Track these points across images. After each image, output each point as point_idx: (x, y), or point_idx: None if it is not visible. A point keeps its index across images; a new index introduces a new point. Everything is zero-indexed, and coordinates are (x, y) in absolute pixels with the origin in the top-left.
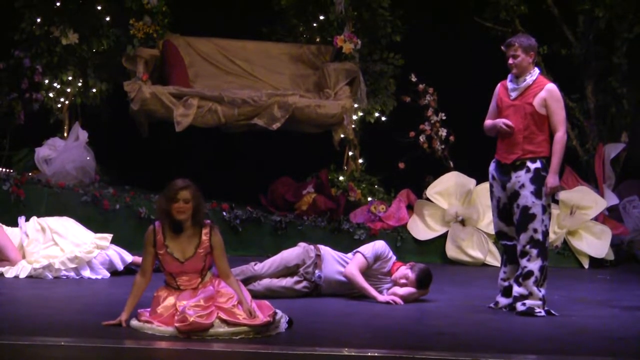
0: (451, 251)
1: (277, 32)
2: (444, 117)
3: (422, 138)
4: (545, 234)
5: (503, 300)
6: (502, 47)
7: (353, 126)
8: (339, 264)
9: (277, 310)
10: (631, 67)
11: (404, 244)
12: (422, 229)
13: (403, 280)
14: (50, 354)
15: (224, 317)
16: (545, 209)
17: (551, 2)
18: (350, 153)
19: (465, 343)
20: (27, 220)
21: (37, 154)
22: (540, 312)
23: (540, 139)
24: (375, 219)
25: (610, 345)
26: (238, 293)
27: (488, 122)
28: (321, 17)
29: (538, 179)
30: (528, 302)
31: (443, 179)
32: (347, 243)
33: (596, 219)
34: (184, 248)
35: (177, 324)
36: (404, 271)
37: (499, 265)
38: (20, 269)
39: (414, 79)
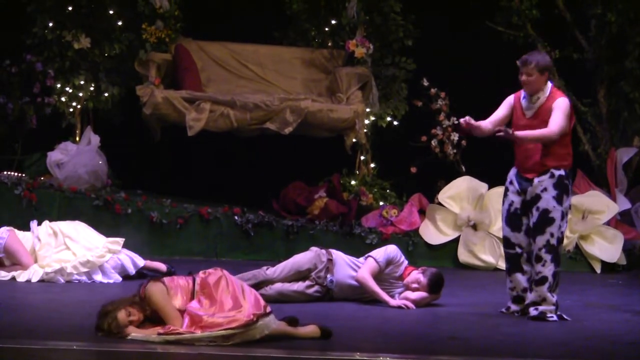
0: (463, 255)
1: (289, 36)
2: (455, 122)
3: (434, 142)
4: (560, 240)
5: (514, 307)
6: (517, 62)
7: (365, 130)
8: (351, 268)
9: (269, 312)
10: None
11: (415, 249)
12: (434, 233)
13: (415, 285)
14: (63, 358)
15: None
16: (564, 216)
17: (563, 6)
18: (362, 157)
19: (477, 348)
20: (39, 224)
21: (49, 158)
22: (552, 316)
23: (563, 152)
24: (387, 223)
25: (622, 350)
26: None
27: (483, 122)
28: (333, 22)
29: (561, 185)
30: (541, 307)
31: (455, 184)
32: (358, 247)
33: (608, 223)
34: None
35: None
36: (416, 275)
37: None
38: (32, 273)
39: (425, 83)
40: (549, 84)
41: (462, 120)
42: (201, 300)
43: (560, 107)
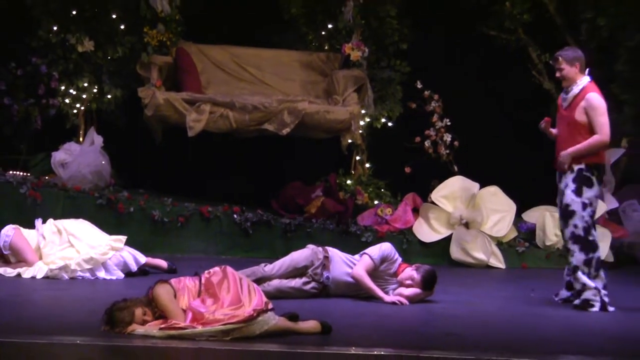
0: (456, 253)
1: (288, 40)
2: (448, 123)
3: (427, 143)
4: (587, 229)
5: (563, 293)
6: (551, 62)
7: (360, 131)
8: (347, 265)
9: (269, 309)
10: (633, 75)
11: (409, 246)
12: (427, 231)
13: (409, 281)
14: (67, 353)
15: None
16: (586, 206)
17: (554, 10)
18: (358, 158)
19: (470, 343)
20: (43, 222)
21: (54, 158)
22: (594, 305)
23: None
24: (382, 221)
25: (610, 346)
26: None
27: (554, 130)
28: (330, 26)
29: (580, 178)
30: (583, 295)
31: (448, 183)
32: (354, 245)
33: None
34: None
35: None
36: (410, 272)
37: (502, 266)
38: (37, 270)
39: (419, 85)
40: (585, 78)
41: (542, 123)
42: (205, 299)
43: (596, 108)
